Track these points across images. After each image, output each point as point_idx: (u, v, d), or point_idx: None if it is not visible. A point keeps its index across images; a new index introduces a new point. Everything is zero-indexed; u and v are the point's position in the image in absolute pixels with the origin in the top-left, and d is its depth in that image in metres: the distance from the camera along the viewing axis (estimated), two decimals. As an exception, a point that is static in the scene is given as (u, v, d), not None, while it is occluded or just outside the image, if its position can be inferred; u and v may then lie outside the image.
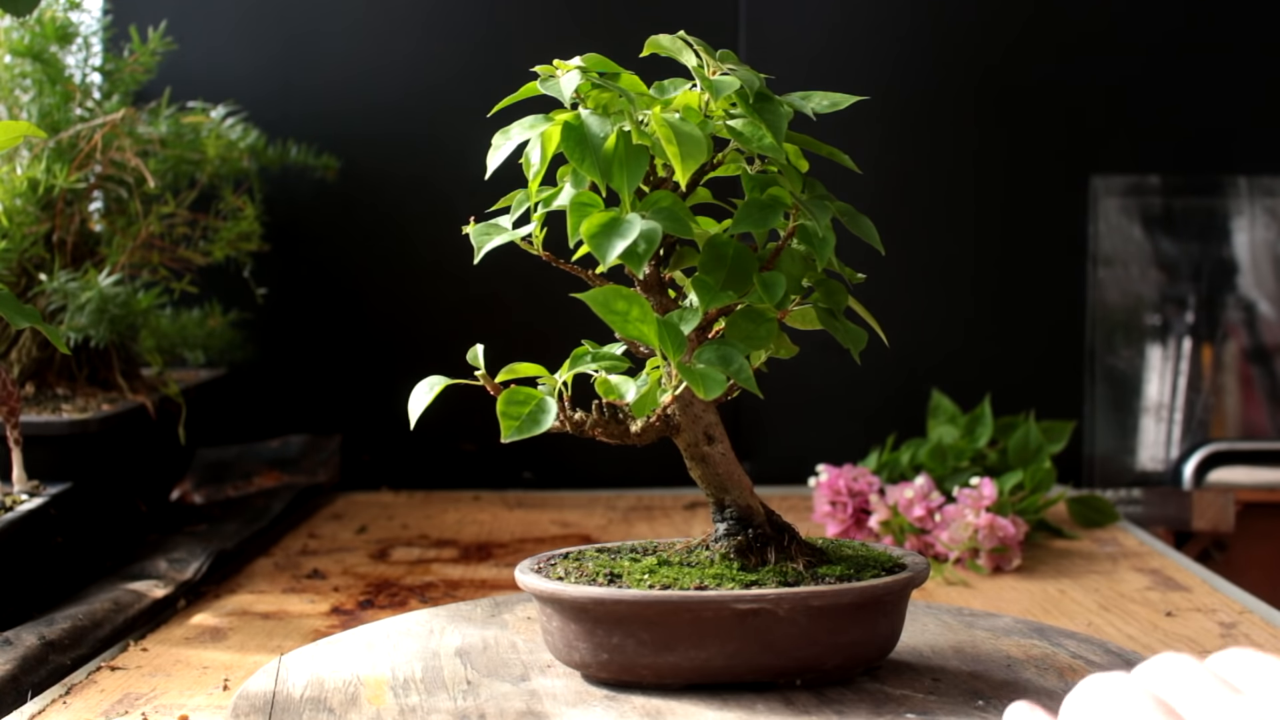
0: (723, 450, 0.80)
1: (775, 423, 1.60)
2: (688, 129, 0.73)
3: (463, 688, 0.78)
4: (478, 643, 0.86)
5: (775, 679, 0.76)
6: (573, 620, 0.76)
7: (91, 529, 1.15)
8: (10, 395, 1.03)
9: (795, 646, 0.75)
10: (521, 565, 0.81)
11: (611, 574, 0.77)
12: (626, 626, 0.74)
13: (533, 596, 0.79)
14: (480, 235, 0.78)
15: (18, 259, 1.21)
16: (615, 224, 0.71)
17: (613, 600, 0.74)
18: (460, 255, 1.57)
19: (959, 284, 1.62)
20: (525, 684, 0.78)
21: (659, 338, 0.72)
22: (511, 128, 0.76)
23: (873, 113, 1.60)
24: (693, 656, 0.74)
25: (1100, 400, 1.60)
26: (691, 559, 0.79)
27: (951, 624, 0.90)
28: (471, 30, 1.61)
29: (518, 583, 0.79)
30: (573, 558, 0.82)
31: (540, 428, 0.73)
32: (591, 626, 0.75)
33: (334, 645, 0.87)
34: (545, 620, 0.78)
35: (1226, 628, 1.00)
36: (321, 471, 1.54)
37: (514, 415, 0.73)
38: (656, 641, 0.74)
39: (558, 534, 1.35)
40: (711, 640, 0.74)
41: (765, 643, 0.74)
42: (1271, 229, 1.61)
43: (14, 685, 0.85)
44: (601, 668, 0.76)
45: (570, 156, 0.73)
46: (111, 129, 1.23)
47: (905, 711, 0.73)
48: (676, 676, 0.75)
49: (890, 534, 1.23)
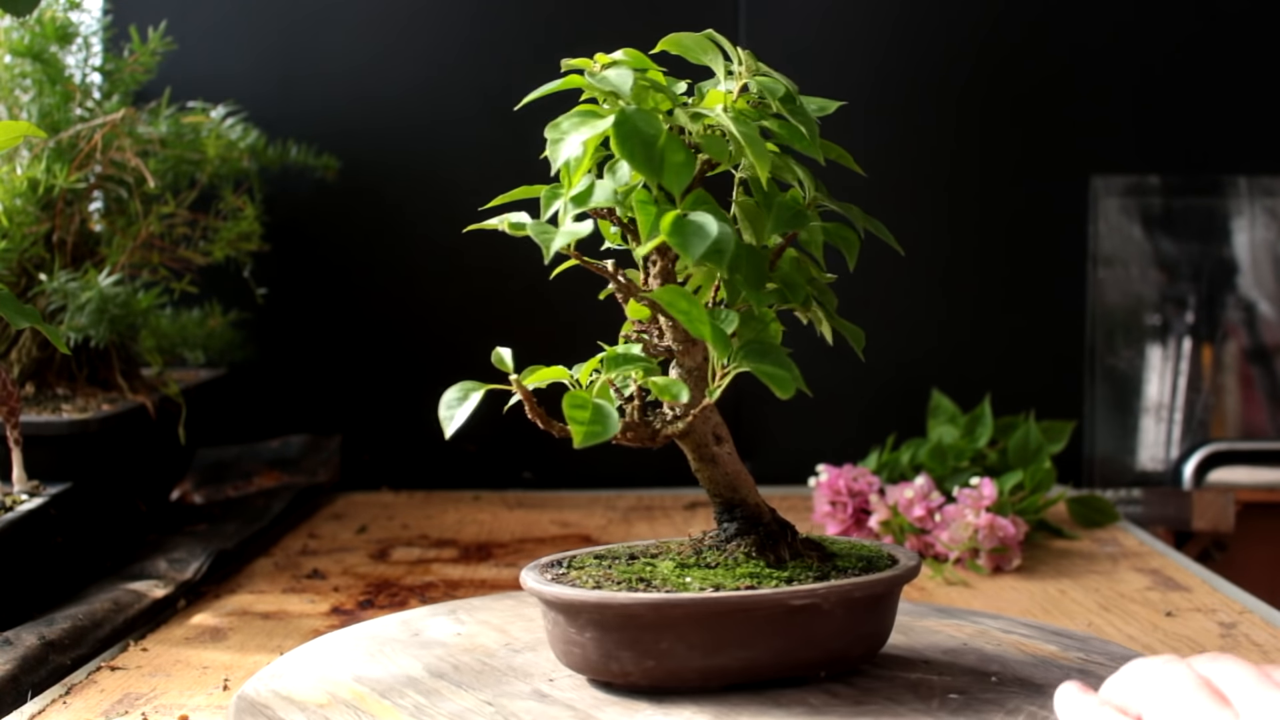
0: (729, 450, 0.80)
1: (775, 423, 1.60)
2: (752, 132, 0.73)
3: (464, 687, 0.78)
4: (478, 642, 0.86)
5: (811, 672, 0.76)
6: (615, 629, 0.74)
7: (91, 529, 1.15)
8: (10, 395, 1.03)
9: (831, 639, 0.75)
10: (531, 576, 0.78)
11: (641, 579, 0.76)
12: (678, 630, 0.73)
13: (555, 607, 0.76)
14: (542, 234, 0.75)
15: (18, 259, 1.21)
16: (689, 224, 0.70)
17: (669, 605, 0.72)
18: (460, 255, 1.59)
19: (959, 284, 1.62)
20: (532, 683, 0.78)
21: (713, 338, 0.72)
22: (561, 122, 0.74)
23: (873, 112, 1.61)
24: (740, 656, 0.74)
25: (1100, 400, 1.60)
26: (708, 560, 0.78)
27: (953, 623, 0.90)
28: (472, 30, 1.61)
29: (539, 594, 0.76)
30: (576, 564, 0.81)
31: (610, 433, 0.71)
32: (638, 634, 0.73)
33: (333, 643, 0.87)
34: (573, 633, 0.75)
35: (1226, 628, 1.00)
36: (321, 471, 1.54)
37: (581, 420, 0.70)
38: (707, 644, 0.73)
39: (558, 534, 1.35)
40: (760, 639, 0.74)
41: (807, 637, 0.75)
42: (1271, 229, 1.61)
43: (14, 685, 0.85)
44: (645, 675, 0.74)
45: (621, 153, 0.71)
46: (111, 129, 1.23)
47: (948, 694, 0.74)
48: (723, 678, 0.74)
49: (890, 534, 1.23)
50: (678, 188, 0.71)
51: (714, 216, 0.70)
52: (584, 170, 0.74)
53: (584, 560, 0.82)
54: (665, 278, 0.79)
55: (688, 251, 0.69)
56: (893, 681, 0.77)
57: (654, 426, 0.78)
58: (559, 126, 0.74)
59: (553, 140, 0.73)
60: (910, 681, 0.77)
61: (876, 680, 0.77)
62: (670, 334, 0.78)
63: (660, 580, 0.76)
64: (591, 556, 0.82)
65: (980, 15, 1.61)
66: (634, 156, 0.71)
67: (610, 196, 0.74)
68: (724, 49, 0.78)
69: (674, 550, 0.81)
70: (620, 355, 0.76)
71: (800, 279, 0.78)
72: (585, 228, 0.75)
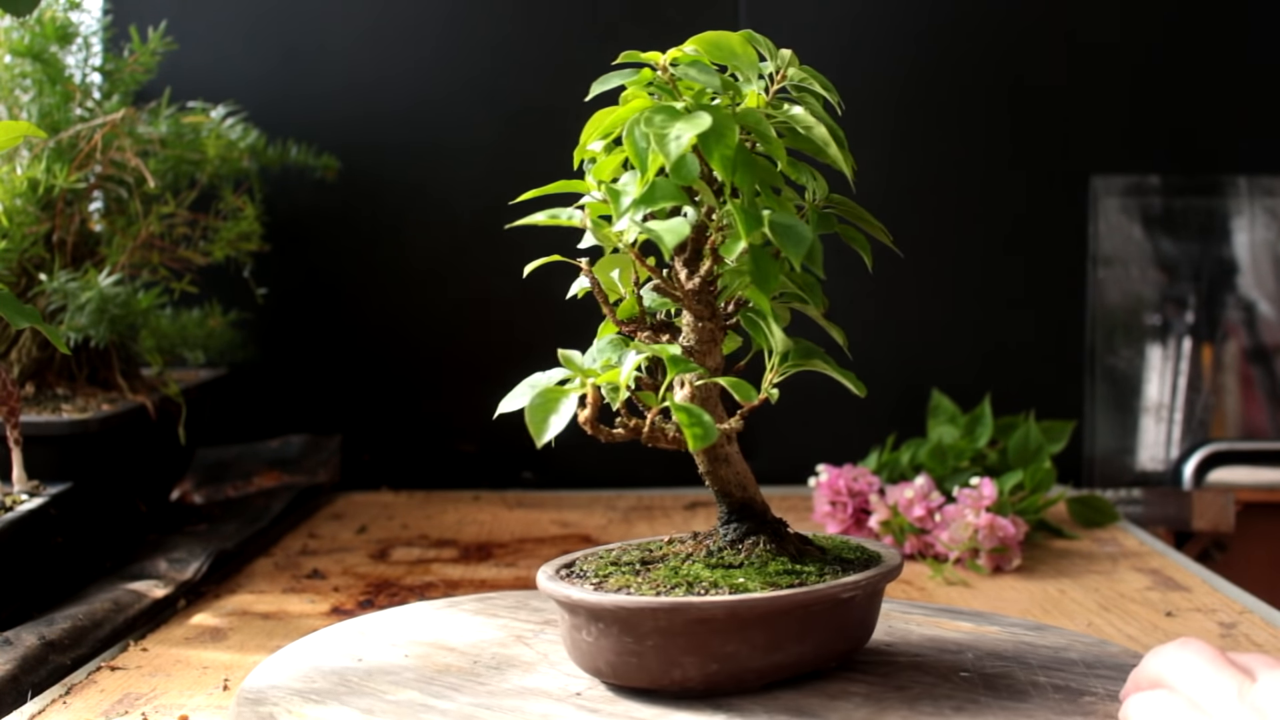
0: (738, 449, 0.80)
1: (775, 422, 1.60)
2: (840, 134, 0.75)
3: (465, 687, 0.78)
4: (478, 640, 0.86)
5: (837, 662, 0.78)
6: (683, 634, 0.72)
7: (91, 529, 1.15)
8: (10, 395, 1.03)
9: (856, 628, 0.78)
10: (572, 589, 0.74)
11: (687, 583, 0.75)
12: (746, 631, 0.73)
13: (605, 618, 0.73)
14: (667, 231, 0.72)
15: (18, 259, 1.21)
16: (783, 227, 0.72)
17: (746, 606, 0.71)
18: (459, 255, 1.59)
19: (959, 284, 1.62)
20: (530, 679, 0.78)
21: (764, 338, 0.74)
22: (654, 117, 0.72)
23: (873, 112, 1.61)
24: (794, 652, 0.74)
25: (1100, 400, 1.60)
26: (728, 560, 0.77)
27: (955, 624, 0.90)
28: (472, 30, 1.61)
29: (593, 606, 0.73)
30: (599, 571, 0.78)
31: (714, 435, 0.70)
32: (708, 638, 0.72)
33: (333, 639, 0.87)
34: (631, 642, 0.73)
35: (1226, 628, 1.00)
36: (321, 471, 1.54)
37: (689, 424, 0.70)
38: (768, 643, 0.73)
39: (558, 534, 1.35)
40: (810, 633, 0.74)
41: (839, 628, 0.76)
42: (1271, 229, 1.61)
43: (14, 685, 0.85)
44: (706, 679, 0.73)
45: (705, 152, 0.71)
46: (111, 129, 1.23)
47: (961, 673, 0.77)
48: (777, 675, 0.75)
49: (890, 534, 1.23)
50: (746, 187, 0.72)
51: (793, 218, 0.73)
52: (617, 164, 0.75)
53: (603, 567, 0.79)
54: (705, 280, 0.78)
55: (791, 252, 0.71)
56: (893, 667, 0.78)
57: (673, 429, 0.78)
58: (652, 121, 0.71)
59: (658, 135, 0.71)
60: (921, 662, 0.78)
61: (875, 669, 0.78)
62: (694, 335, 0.78)
63: (708, 584, 0.74)
64: (598, 558, 0.81)
65: (980, 15, 1.61)
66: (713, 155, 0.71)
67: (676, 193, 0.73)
68: (760, 50, 0.78)
69: (679, 549, 0.80)
70: (675, 358, 0.74)
71: (815, 283, 0.79)
72: (687, 224, 0.73)
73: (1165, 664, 0.66)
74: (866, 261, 0.81)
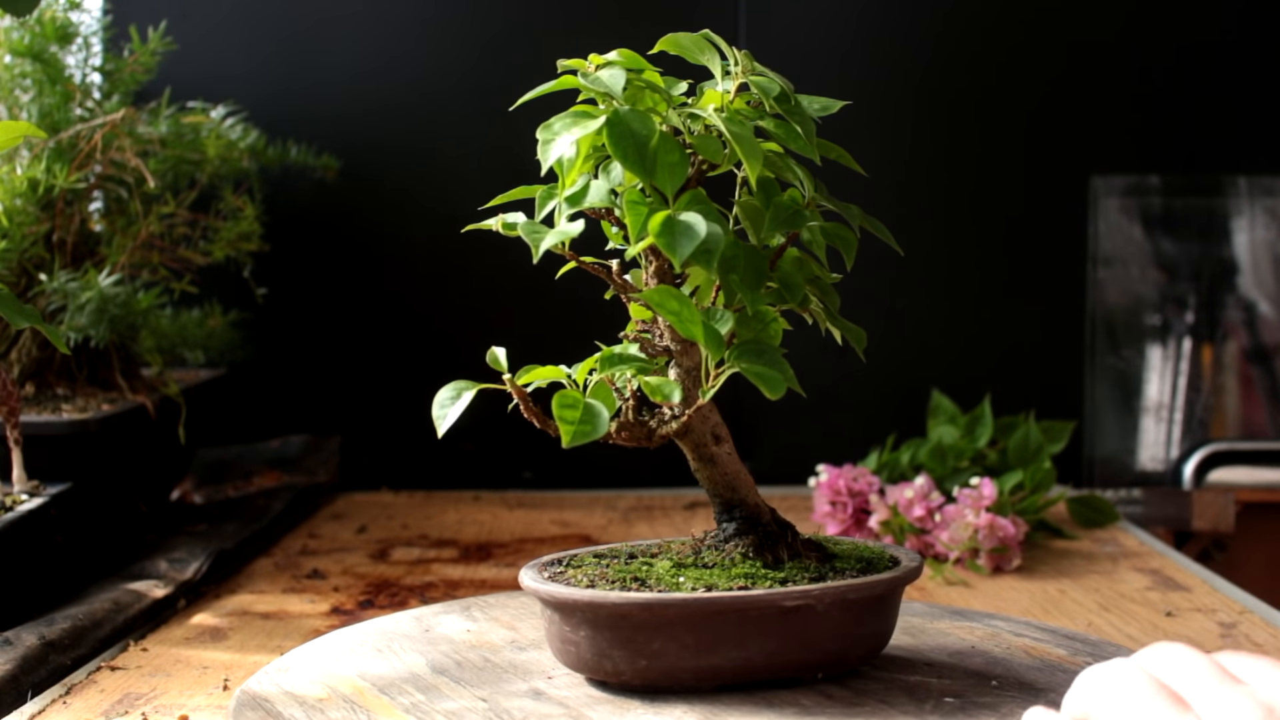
0: (729, 450, 0.80)
1: (775, 422, 1.60)
2: (745, 132, 0.73)
3: (464, 684, 0.78)
4: (485, 639, 0.86)
5: (806, 674, 0.76)
6: (607, 628, 0.74)
7: (91, 529, 1.15)
8: (10, 395, 1.03)
9: (828, 640, 0.75)
10: (529, 574, 0.78)
11: (636, 579, 0.76)
12: (671, 630, 0.73)
13: (550, 605, 0.76)
14: (532, 234, 0.75)
15: (18, 259, 1.21)
16: (677, 224, 0.70)
17: (661, 605, 0.72)
18: (459, 254, 1.59)
19: (959, 284, 1.62)
20: (530, 681, 0.78)
21: (705, 339, 0.72)
22: (553, 123, 0.74)
23: (873, 112, 1.60)
24: (734, 657, 0.74)
25: (1100, 400, 1.60)
26: (706, 560, 0.78)
27: (965, 625, 0.90)
28: (471, 30, 1.61)
29: (535, 593, 0.76)
30: (575, 563, 0.81)
31: (599, 432, 0.71)
32: (631, 633, 0.73)
33: (334, 643, 0.87)
34: (568, 631, 0.76)
35: (1226, 628, 1.00)
36: (321, 471, 1.54)
37: (569, 420, 0.71)
38: (700, 644, 0.73)
39: (558, 534, 1.35)
40: (754, 639, 0.74)
41: (803, 638, 0.75)
42: (1271, 229, 1.61)
43: (14, 685, 0.85)
44: (638, 675, 0.74)
45: (614, 154, 0.71)
46: (111, 129, 1.23)
47: (944, 698, 0.74)
48: (717, 678, 0.74)
49: (890, 534, 1.23)
50: (670, 188, 0.71)
51: (705, 217, 0.70)
52: (580, 171, 0.74)
53: (583, 559, 0.82)
54: (661, 278, 0.78)
55: (674, 252, 0.69)
56: (890, 684, 0.77)
57: (650, 426, 0.78)
58: (550, 127, 0.74)
59: (544, 140, 0.73)
60: (908, 684, 0.77)
61: (874, 682, 0.77)
62: (668, 334, 0.78)
63: (655, 580, 0.76)
64: (591, 555, 0.82)
65: (981, 15, 1.61)
66: (626, 157, 0.71)
67: (605, 197, 0.74)
68: (720, 49, 0.78)
69: (674, 550, 0.81)
70: (615, 355, 0.76)
71: (799, 279, 0.78)
72: (576, 228, 0.75)
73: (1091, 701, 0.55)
74: (847, 261, 0.80)
